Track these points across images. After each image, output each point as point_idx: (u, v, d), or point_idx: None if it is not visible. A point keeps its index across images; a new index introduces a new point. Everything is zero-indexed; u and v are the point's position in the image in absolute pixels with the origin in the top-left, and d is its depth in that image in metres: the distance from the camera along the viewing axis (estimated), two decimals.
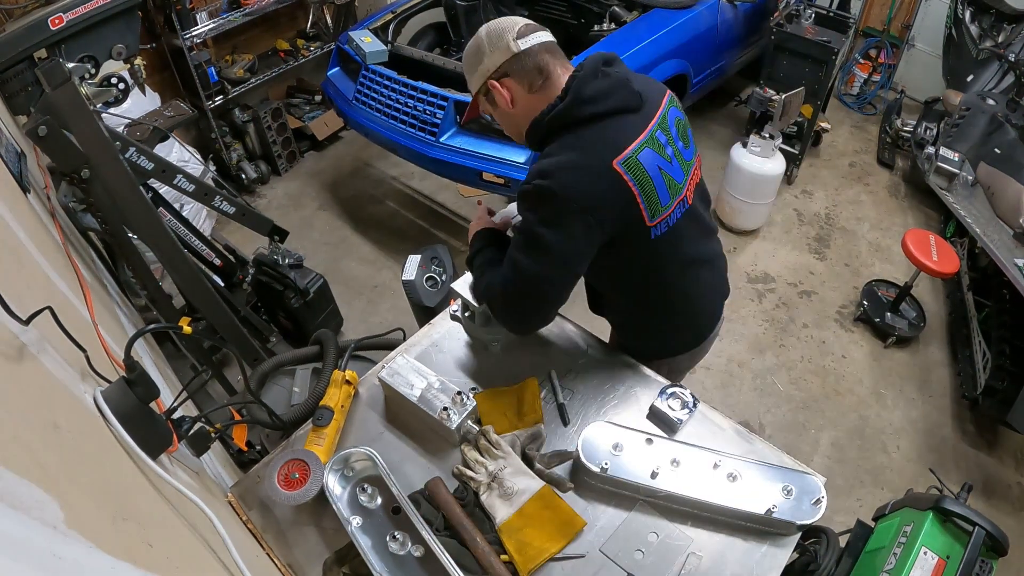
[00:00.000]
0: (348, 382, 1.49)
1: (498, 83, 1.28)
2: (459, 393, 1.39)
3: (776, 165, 3.38)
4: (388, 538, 1.21)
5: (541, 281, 1.28)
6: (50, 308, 0.81)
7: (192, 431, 1.14)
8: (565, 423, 1.45)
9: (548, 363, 1.57)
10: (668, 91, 1.36)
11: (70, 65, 1.77)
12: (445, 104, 2.85)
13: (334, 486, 1.29)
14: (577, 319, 1.69)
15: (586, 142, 1.21)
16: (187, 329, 1.10)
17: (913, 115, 4.24)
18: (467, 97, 2.81)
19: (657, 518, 1.29)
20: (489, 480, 1.31)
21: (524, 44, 1.24)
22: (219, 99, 3.56)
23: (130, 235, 1.90)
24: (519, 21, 1.27)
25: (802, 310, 3.25)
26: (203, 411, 1.31)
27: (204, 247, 2.50)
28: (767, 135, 3.31)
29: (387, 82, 3.04)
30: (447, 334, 1.66)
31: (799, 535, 1.27)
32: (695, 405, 1.43)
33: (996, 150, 3.08)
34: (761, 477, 1.30)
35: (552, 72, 1.27)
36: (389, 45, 3.22)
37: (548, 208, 1.20)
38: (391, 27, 3.39)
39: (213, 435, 1.26)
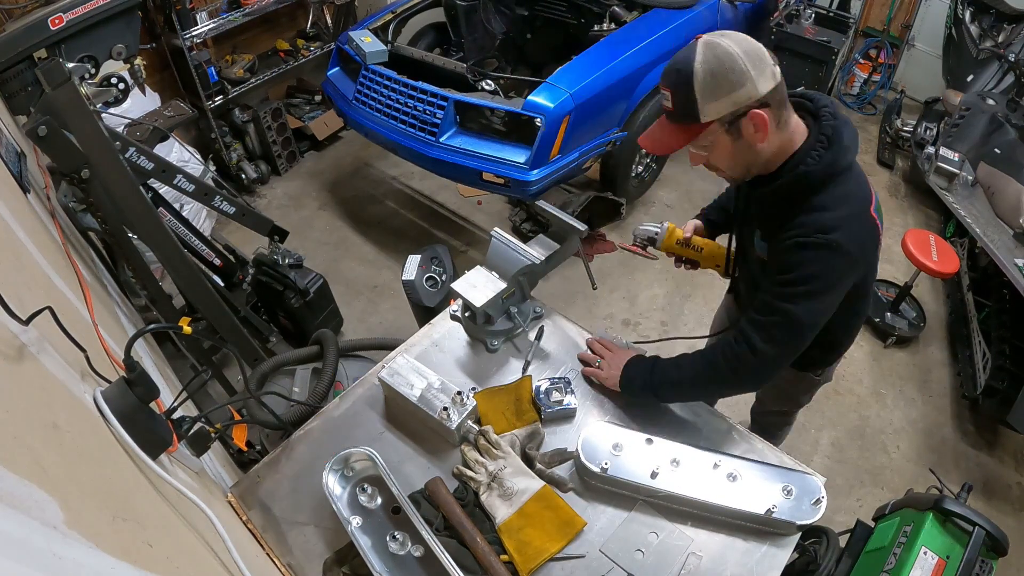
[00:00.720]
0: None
1: (761, 111, 1.15)
2: (459, 393, 1.39)
3: None
4: (388, 538, 1.21)
5: (813, 328, 1.29)
6: (50, 308, 0.81)
7: (192, 431, 1.14)
8: None
9: (548, 364, 1.57)
10: None
11: (70, 65, 1.76)
12: (445, 104, 2.85)
13: (334, 486, 1.29)
14: (578, 319, 1.70)
15: (852, 191, 1.23)
16: (187, 329, 1.10)
17: (913, 115, 4.24)
18: (467, 97, 2.84)
19: (657, 518, 1.29)
20: (489, 480, 1.31)
21: (778, 72, 1.15)
22: (219, 99, 3.56)
23: (130, 235, 1.90)
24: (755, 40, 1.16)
25: None
26: (203, 411, 1.31)
27: (204, 247, 2.50)
28: None
29: (387, 82, 3.04)
30: (447, 334, 1.66)
31: (799, 535, 1.27)
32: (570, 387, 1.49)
33: (996, 150, 3.08)
34: (761, 477, 1.30)
35: (790, 109, 1.21)
36: (389, 45, 3.22)
37: (832, 262, 1.21)
38: (391, 27, 3.39)
39: (213, 435, 1.26)
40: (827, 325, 1.33)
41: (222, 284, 2.62)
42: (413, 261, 2.40)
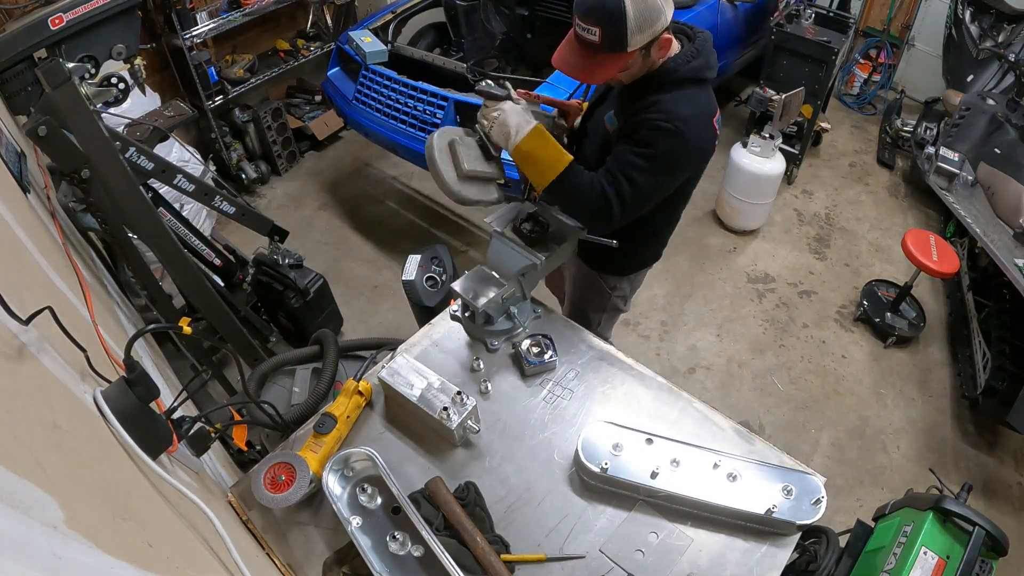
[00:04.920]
0: (360, 393, 1.47)
1: (668, 35, 1.40)
2: (459, 393, 1.39)
3: (776, 165, 3.38)
4: (388, 538, 1.21)
5: (650, 200, 1.55)
6: (50, 308, 0.81)
7: (192, 431, 1.14)
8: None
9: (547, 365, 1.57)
10: None
11: (70, 65, 1.76)
12: (445, 104, 2.85)
13: (334, 486, 1.29)
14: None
15: (703, 100, 1.49)
16: (187, 329, 1.10)
17: (913, 115, 4.23)
18: (467, 97, 2.84)
19: (657, 518, 1.29)
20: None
21: None
22: (219, 99, 3.56)
23: (130, 235, 1.90)
24: None
25: (802, 310, 3.25)
26: (203, 411, 1.31)
27: (204, 247, 2.50)
28: (767, 135, 3.31)
29: (387, 82, 3.04)
30: (447, 334, 1.66)
31: (799, 535, 1.27)
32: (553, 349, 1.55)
33: (996, 150, 3.08)
34: (761, 477, 1.30)
35: None
36: (389, 45, 3.22)
37: (677, 147, 1.45)
38: (391, 27, 3.39)
39: (213, 435, 1.26)
40: (645, 220, 1.61)
41: (222, 284, 2.62)
42: (413, 261, 2.40)
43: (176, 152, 2.90)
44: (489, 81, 1.59)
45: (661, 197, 1.56)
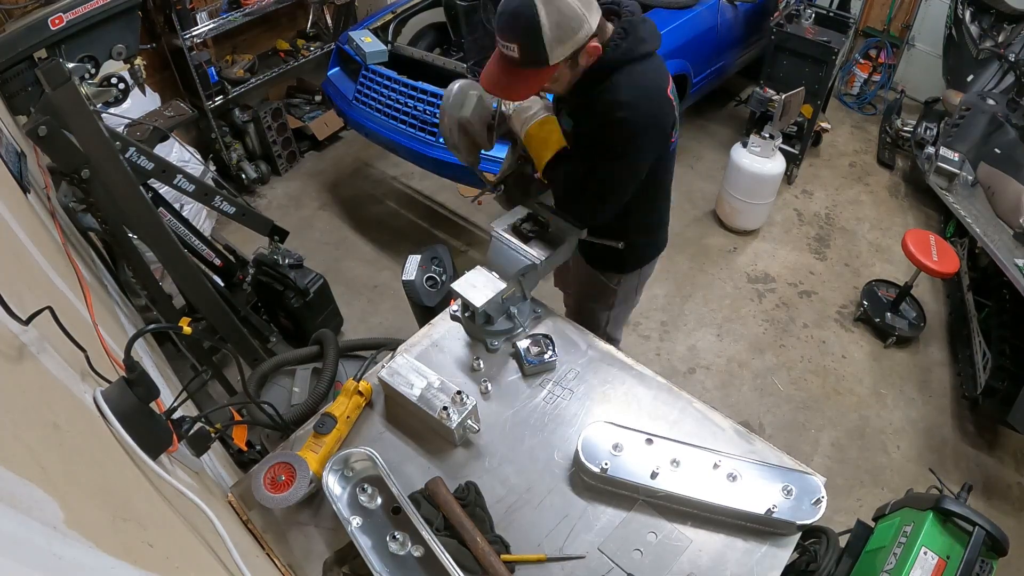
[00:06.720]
0: (360, 393, 1.47)
1: (594, 43, 1.35)
2: (459, 393, 1.39)
3: (776, 165, 3.38)
4: (388, 538, 1.21)
5: (622, 184, 1.54)
6: (50, 308, 0.81)
7: (192, 431, 1.14)
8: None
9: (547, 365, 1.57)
10: None
11: (70, 65, 1.77)
12: None
13: (334, 486, 1.29)
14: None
15: (645, 74, 1.44)
16: (187, 329, 1.10)
17: (913, 115, 4.24)
18: None
19: (656, 518, 1.29)
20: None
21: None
22: (219, 99, 3.56)
23: (130, 235, 1.90)
24: None
25: (802, 310, 3.25)
26: (203, 411, 1.31)
27: (204, 247, 2.50)
28: (767, 135, 3.31)
29: (387, 82, 3.04)
30: (447, 334, 1.66)
31: (799, 535, 1.27)
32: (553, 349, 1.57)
33: (996, 150, 3.08)
34: (761, 477, 1.30)
35: (603, 18, 1.38)
36: (389, 45, 3.23)
37: (624, 131, 1.42)
38: (391, 27, 3.39)
39: (213, 435, 1.26)
40: (634, 206, 1.61)
41: (222, 284, 2.62)
42: (413, 261, 2.40)
43: (176, 152, 2.91)
44: None
45: (636, 181, 1.55)
